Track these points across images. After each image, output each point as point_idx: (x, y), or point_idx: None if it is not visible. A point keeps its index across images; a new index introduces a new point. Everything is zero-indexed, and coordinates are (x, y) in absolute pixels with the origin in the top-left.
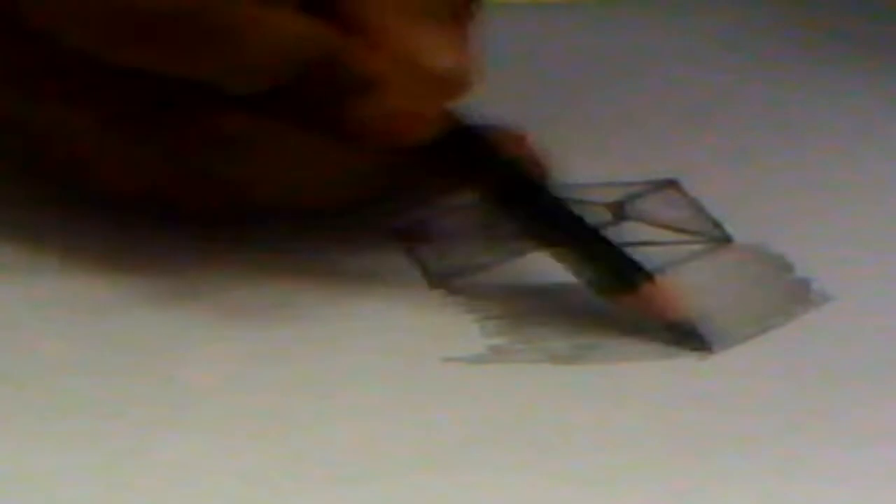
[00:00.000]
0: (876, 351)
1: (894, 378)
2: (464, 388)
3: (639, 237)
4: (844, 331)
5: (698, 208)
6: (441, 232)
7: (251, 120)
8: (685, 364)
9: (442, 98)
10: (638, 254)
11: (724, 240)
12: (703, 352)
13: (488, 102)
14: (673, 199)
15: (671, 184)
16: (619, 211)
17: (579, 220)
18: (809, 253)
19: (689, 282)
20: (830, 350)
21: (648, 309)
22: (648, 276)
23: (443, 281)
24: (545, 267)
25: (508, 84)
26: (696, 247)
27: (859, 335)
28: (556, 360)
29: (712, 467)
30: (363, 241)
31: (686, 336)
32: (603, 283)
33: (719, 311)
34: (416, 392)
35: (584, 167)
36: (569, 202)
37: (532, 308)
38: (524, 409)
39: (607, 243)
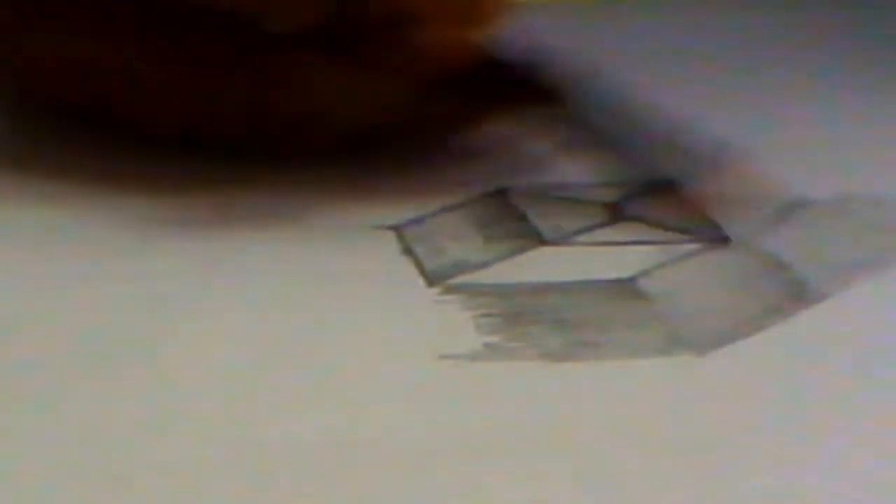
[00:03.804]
0: (871, 349)
1: (890, 375)
2: (460, 385)
3: (637, 237)
4: (839, 329)
5: (696, 208)
6: (438, 230)
7: (299, 58)
8: (680, 361)
9: (469, 29)
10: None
11: (722, 240)
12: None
13: None
14: (671, 199)
15: (670, 184)
16: (618, 210)
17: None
18: (805, 250)
19: (686, 281)
20: (826, 348)
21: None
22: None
23: (439, 279)
24: (541, 266)
25: None
26: (694, 246)
27: (854, 333)
28: (552, 357)
29: (708, 463)
30: (360, 238)
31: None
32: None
33: (716, 310)
34: (412, 389)
35: (583, 167)
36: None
37: (527, 306)
38: (520, 406)
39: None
